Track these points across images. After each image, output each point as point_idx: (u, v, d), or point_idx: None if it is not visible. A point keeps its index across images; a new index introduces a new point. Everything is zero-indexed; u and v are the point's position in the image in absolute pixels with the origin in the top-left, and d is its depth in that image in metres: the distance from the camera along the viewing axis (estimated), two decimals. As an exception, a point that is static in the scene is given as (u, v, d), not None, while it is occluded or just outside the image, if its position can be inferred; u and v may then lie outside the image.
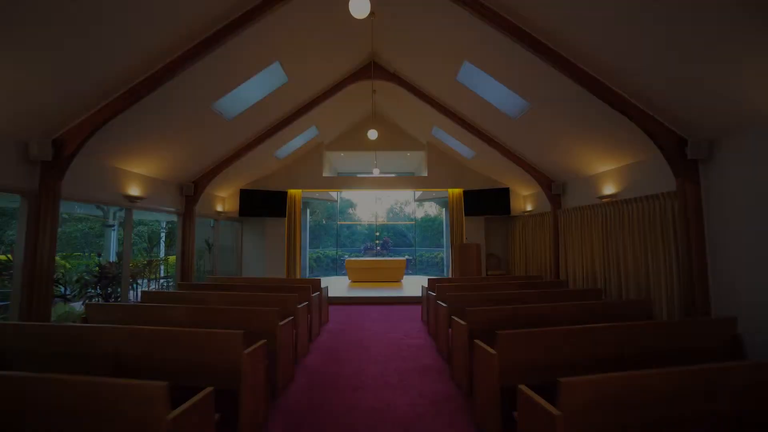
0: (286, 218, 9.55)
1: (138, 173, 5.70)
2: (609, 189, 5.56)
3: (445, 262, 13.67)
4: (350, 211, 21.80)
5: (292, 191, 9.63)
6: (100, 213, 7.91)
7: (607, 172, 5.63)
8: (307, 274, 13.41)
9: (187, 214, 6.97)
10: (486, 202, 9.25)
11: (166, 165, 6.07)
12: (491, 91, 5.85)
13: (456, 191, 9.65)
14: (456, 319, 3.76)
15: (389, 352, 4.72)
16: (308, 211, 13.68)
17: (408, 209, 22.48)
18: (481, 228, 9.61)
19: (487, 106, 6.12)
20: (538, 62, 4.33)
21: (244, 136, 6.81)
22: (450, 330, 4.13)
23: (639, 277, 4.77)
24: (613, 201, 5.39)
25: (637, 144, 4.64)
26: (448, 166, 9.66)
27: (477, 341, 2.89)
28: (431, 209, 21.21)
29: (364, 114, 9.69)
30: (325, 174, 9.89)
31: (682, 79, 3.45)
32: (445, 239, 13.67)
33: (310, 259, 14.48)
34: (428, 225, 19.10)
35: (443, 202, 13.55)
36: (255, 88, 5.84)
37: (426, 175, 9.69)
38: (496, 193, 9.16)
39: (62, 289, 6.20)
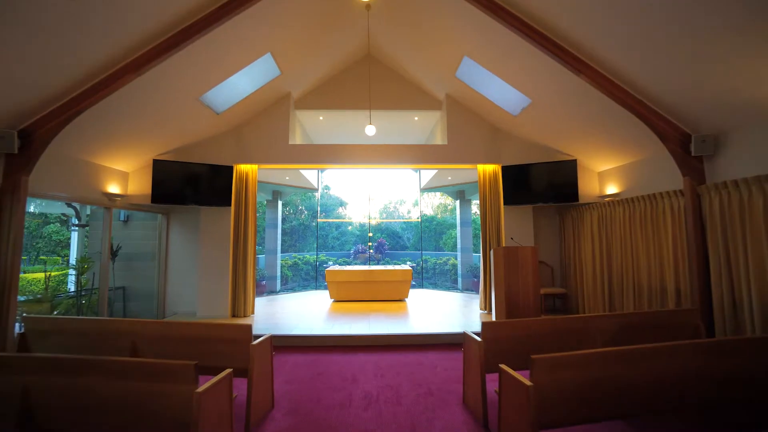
0: (233, 208, 6.24)
1: None
2: None
3: (459, 272, 10.49)
4: (340, 210, 18.56)
5: (241, 167, 6.32)
6: None
7: None
8: (278, 287, 10.09)
9: (6, 191, 3.62)
10: (538, 184, 6.07)
11: None
12: None
13: (489, 168, 6.47)
14: None
15: None
16: (280, 203, 10.38)
17: (403, 209, 19.31)
18: (529, 224, 6.42)
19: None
20: None
21: (110, 35, 3.48)
22: None
23: None
24: None
25: None
26: (478, 131, 6.47)
27: None
28: (428, 208, 18.00)
29: (352, 51, 6.45)
30: (294, 142, 6.61)
31: None
32: (459, 241, 10.50)
33: (284, 266, 11.15)
34: (425, 225, 15.89)
35: (456, 192, 10.38)
36: None
37: (446, 143, 6.47)
38: (555, 169, 5.98)
39: None
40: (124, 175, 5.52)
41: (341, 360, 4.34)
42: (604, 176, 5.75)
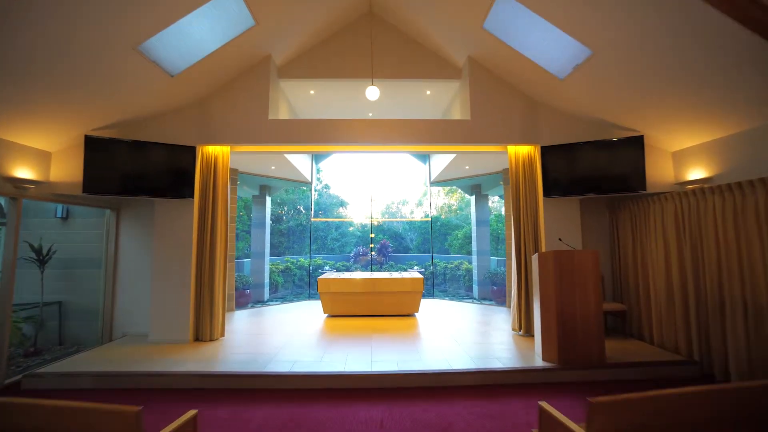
0: (197, 202, 4.88)
1: None
2: None
3: (474, 278, 9.10)
4: (340, 210, 17.16)
5: (209, 148, 4.96)
6: None
7: None
8: (266, 296, 8.73)
9: None
10: (591, 169, 4.67)
11: None
12: None
13: (523, 150, 5.09)
14: None
15: None
16: (269, 199, 9.02)
17: (406, 209, 17.87)
18: (575, 221, 5.04)
19: None
20: None
21: None
22: None
23: None
24: None
25: None
26: (511, 103, 5.10)
27: None
28: (430, 208, 16.54)
29: (349, 6, 5.09)
30: (277, 117, 5.25)
31: None
32: (474, 243, 9.12)
33: (274, 272, 9.78)
34: (424, 226, 14.48)
35: (471, 187, 9.01)
36: None
37: (469, 118, 5.10)
38: (613, 149, 4.59)
39: None
40: (43, 155, 4.16)
41: (330, 419, 2.95)
42: (682, 157, 4.37)
